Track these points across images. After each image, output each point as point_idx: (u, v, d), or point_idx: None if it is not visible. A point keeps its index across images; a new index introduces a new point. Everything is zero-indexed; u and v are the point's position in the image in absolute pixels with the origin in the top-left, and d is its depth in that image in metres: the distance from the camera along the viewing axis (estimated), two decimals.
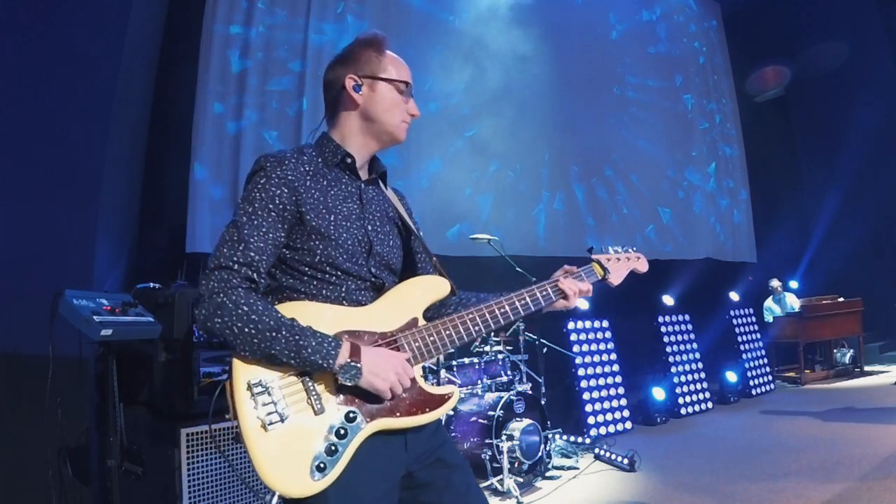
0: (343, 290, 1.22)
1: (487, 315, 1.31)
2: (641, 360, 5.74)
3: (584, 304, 5.18)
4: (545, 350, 4.48)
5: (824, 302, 7.25)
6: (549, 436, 3.88)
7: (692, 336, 5.95)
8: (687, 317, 5.99)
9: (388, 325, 1.23)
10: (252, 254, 1.12)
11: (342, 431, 1.09)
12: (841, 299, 7.32)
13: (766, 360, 6.60)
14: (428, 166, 5.32)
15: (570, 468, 3.86)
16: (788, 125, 10.05)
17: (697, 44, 8.45)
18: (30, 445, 2.41)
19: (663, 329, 5.72)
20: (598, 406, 4.82)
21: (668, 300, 6.15)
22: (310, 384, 1.11)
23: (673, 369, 5.57)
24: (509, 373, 4.01)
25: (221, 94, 4.51)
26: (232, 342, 1.07)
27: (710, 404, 5.71)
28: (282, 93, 4.76)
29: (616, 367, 5.12)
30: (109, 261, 3.27)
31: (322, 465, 1.06)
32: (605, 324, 5.22)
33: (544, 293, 1.39)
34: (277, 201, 1.16)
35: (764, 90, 9.49)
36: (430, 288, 1.32)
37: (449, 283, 1.33)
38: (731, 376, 6.04)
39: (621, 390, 5.06)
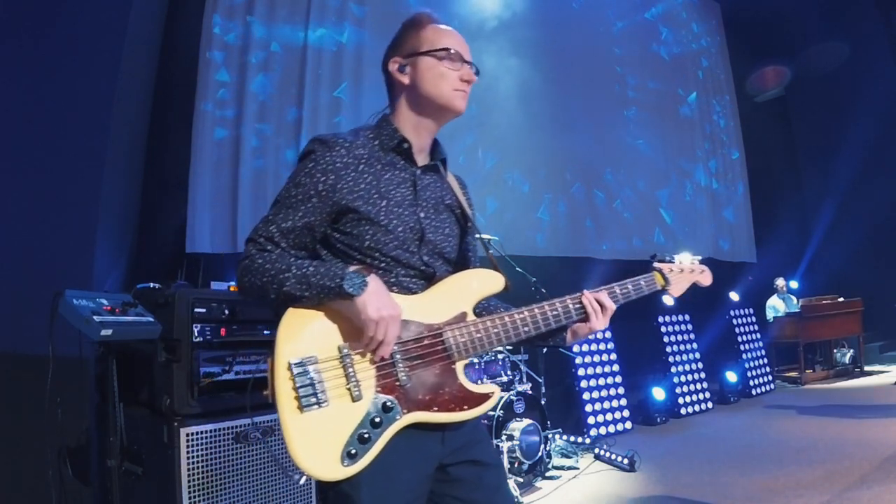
0: (392, 276, 1.21)
1: (538, 314, 1.27)
2: (641, 360, 5.74)
3: None
4: (545, 350, 4.48)
5: (824, 302, 7.25)
6: (549, 436, 3.88)
7: (692, 336, 5.95)
8: (687, 317, 5.99)
9: (436, 317, 1.20)
10: (276, 232, 1.18)
11: (377, 420, 1.09)
12: (841, 299, 7.32)
13: (766, 360, 6.61)
14: None
15: (570, 468, 3.86)
16: (788, 125, 10.05)
17: (697, 44, 8.45)
18: (30, 445, 2.41)
19: (663, 329, 5.72)
20: (598, 406, 4.82)
21: (668, 300, 6.15)
22: (350, 370, 1.10)
23: (673, 369, 5.57)
24: (509, 373, 4.01)
25: (220, 94, 4.51)
26: (260, 295, 1.14)
27: (710, 404, 5.71)
28: (281, 93, 4.76)
29: (616, 367, 5.11)
30: (109, 261, 3.27)
31: (353, 452, 1.06)
32: None
33: (574, 304, 1.32)
34: (321, 187, 1.17)
35: (764, 90, 9.48)
36: (484, 282, 1.27)
37: (504, 279, 1.28)
38: (731, 376, 6.04)
39: (621, 390, 5.05)
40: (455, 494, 1.21)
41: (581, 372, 4.84)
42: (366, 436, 1.08)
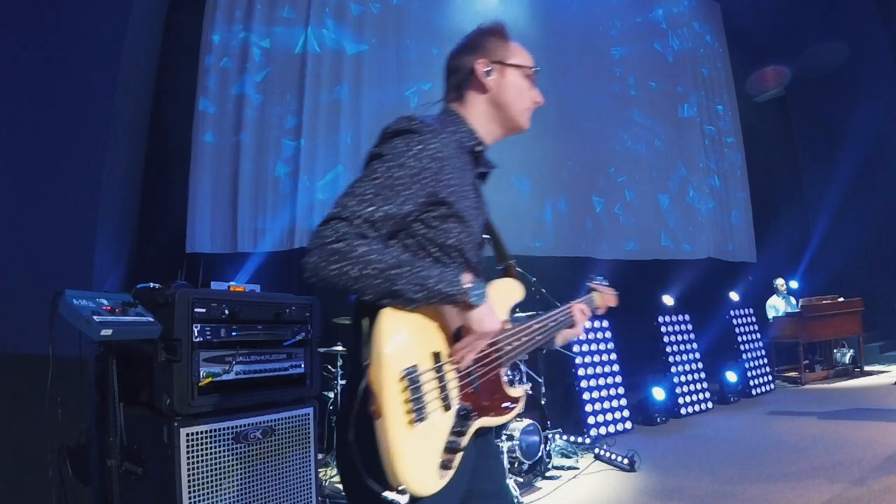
0: None
1: (544, 326, 1.35)
2: (641, 360, 5.74)
3: None
4: (545, 350, 4.47)
5: (824, 302, 7.25)
6: (549, 436, 3.88)
7: (692, 336, 5.95)
8: (687, 317, 5.99)
9: None
10: (379, 217, 1.04)
11: (461, 429, 1.09)
12: (841, 299, 7.31)
13: (766, 360, 6.60)
14: None
15: (570, 468, 3.86)
16: (788, 125, 10.06)
17: (698, 44, 8.45)
18: (30, 445, 2.41)
19: (663, 329, 5.72)
20: (598, 406, 4.82)
21: (668, 300, 6.16)
22: (444, 379, 1.07)
23: (673, 369, 5.57)
24: (509, 373, 4.01)
25: (220, 95, 4.52)
26: (352, 287, 1.00)
27: (710, 404, 5.71)
28: (281, 94, 4.76)
29: (616, 367, 5.11)
30: (109, 261, 3.27)
31: (447, 463, 1.04)
32: (605, 324, 5.22)
33: (566, 313, 1.45)
34: (426, 175, 1.08)
35: (764, 90, 9.49)
36: (515, 293, 1.32)
37: (523, 290, 1.34)
38: (731, 376, 6.04)
39: (621, 390, 5.05)
40: (470, 487, 1.21)
41: (581, 372, 4.84)
42: (454, 445, 1.06)
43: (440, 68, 1.35)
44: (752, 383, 6.25)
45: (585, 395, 4.78)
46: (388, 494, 0.98)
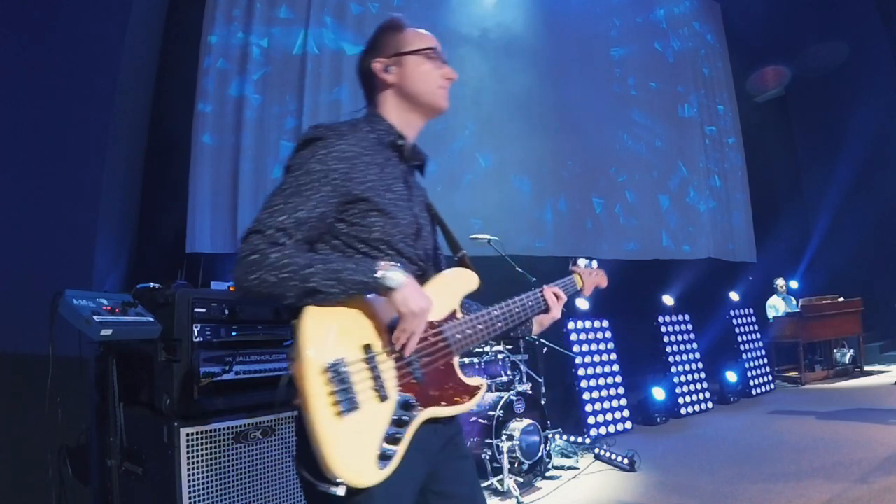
0: None
1: (507, 312, 1.36)
2: (641, 360, 5.74)
3: (584, 304, 5.18)
4: (545, 350, 4.48)
5: (824, 302, 7.25)
6: (549, 436, 3.88)
7: (692, 336, 5.95)
8: (687, 317, 5.99)
9: (434, 315, 1.21)
10: (290, 223, 1.08)
11: (404, 419, 1.10)
12: (841, 299, 7.31)
13: (766, 360, 6.60)
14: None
15: (570, 468, 3.87)
16: (788, 125, 10.05)
17: (698, 44, 8.45)
18: (30, 445, 2.42)
19: (663, 329, 5.72)
20: (598, 406, 4.82)
21: (668, 300, 6.16)
22: (377, 370, 1.09)
23: (673, 369, 5.57)
24: (509, 373, 4.01)
25: (219, 95, 4.51)
26: (274, 292, 1.04)
27: (710, 404, 5.71)
28: (280, 95, 4.76)
29: (616, 367, 5.11)
30: (109, 261, 3.27)
31: (386, 454, 1.05)
32: (605, 324, 5.22)
33: (537, 298, 1.47)
34: (334, 175, 1.13)
35: (764, 90, 9.49)
36: (467, 282, 1.33)
37: (477, 279, 1.35)
38: (731, 376, 6.04)
39: (621, 390, 5.06)
40: (437, 489, 1.22)
41: (581, 372, 4.84)
42: (396, 436, 1.08)
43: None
44: (752, 383, 6.25)
45: (585, 395, 4.78)
46: (323, 485, 1.01)
